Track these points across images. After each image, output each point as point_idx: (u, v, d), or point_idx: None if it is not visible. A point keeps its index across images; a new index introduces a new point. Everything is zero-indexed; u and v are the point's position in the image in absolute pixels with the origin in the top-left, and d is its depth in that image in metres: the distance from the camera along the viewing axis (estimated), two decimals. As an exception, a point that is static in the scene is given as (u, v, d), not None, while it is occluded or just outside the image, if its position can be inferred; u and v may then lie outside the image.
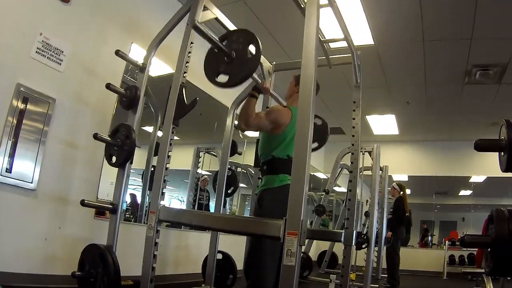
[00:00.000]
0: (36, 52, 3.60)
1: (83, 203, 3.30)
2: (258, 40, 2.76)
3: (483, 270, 7.45)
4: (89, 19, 4.13)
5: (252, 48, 2.78)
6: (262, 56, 3.64)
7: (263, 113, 3.25)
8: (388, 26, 5.71)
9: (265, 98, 4.72)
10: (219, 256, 4.64)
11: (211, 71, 2.86)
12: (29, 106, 3.50)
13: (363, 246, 6.20)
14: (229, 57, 2.77)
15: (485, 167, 9.92)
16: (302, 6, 3.28)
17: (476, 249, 8.43)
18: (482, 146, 1.93)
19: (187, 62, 3.42)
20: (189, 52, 3.43)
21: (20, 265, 3.42)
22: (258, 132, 3.75)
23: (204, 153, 6.98)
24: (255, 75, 3.31)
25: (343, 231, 3.94)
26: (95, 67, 4.19)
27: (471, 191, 11.65)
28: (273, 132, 3.14)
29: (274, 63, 4.83)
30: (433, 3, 5.06)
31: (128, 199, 5.40)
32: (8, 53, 3.40)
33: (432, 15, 5.30)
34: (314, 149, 3.79)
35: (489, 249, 1.73)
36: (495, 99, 7.74)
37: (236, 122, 4.95)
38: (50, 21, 3.74)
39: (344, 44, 4.11)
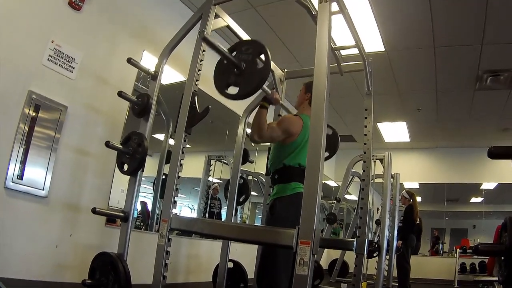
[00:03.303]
0: (48, 59, 3.61)
1: (94, 211, 3.29)
2: (268, 50, 2.73)
3: (495, 278, 7.40)
4: (101, 26, 4.15)
5: (261, 59, 2.74)
6: (273, 63, 3.64)
7: (275, 123, 3.23)
8: (399, 33, 5.69)
9: (276, 106, 4.71)
10: (230, 264, 4.61)
11: (221, 83, 2.84)
12: (40, 114, 3.51)
13: (374, 254, 6.18)
14: (239, 69, 2.74)
15: (497, 173, 9.89)
16: (314, 14, 3.28)
17: (488, 257, 8.37)
18: (496, 153, 1.91)
19: (199, 70, 3.42)
20: (201, 60, 3.44)
21: (31, 272, 3.42)
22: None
23: (216, 161, 6.95)
24: (265, 86, 3.29)
25: (355, 239, 3.92)
26: (107, 74, 4.20)
27: (482, 198, 11.54)
28: (285, 141, 3.13)
29: (285, 70, 4.81)
30: (443, 9, 5.03)
31: (138, 206, 5.40)
32: (20, 60, 3.41)
33: (443, 21, 5.27)
34: (325, 159, 3.78)
35: (502, 257, 1.70)
36: (506, 105, 7.68)
37: (248, 130, 4.93)
38: (61, 28, 3.75)
39: (355, 51, 4.10)
